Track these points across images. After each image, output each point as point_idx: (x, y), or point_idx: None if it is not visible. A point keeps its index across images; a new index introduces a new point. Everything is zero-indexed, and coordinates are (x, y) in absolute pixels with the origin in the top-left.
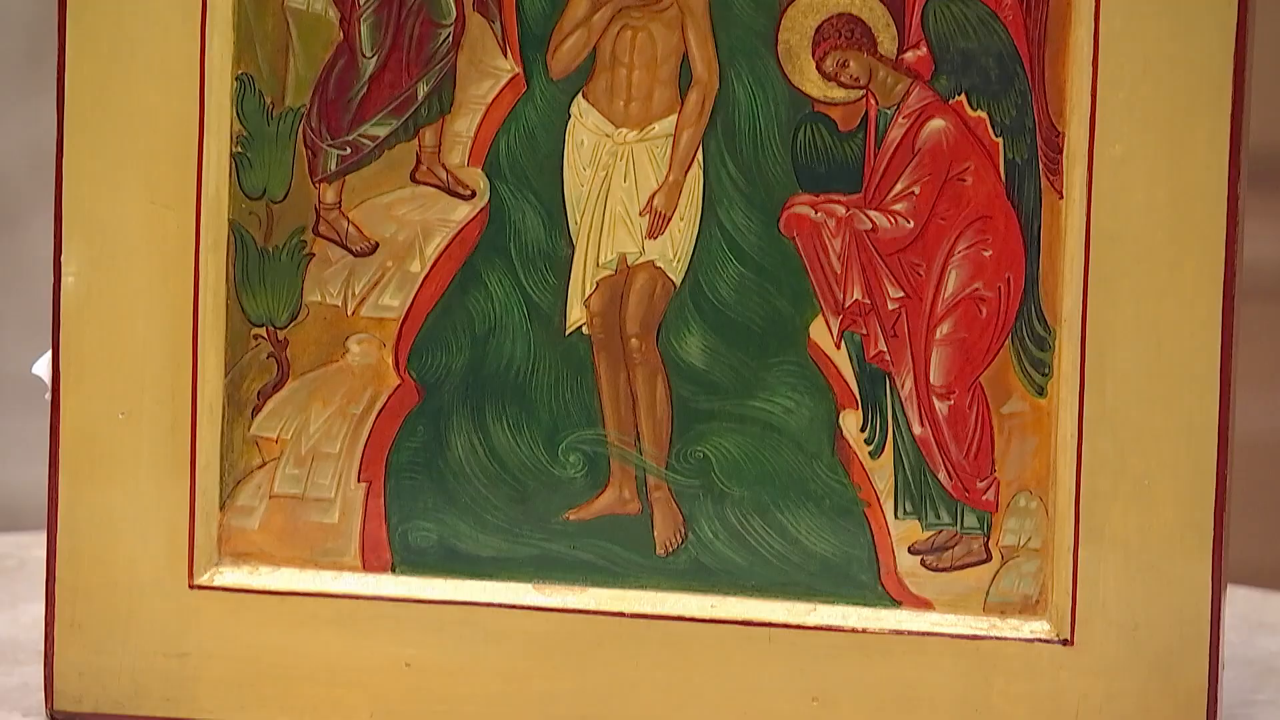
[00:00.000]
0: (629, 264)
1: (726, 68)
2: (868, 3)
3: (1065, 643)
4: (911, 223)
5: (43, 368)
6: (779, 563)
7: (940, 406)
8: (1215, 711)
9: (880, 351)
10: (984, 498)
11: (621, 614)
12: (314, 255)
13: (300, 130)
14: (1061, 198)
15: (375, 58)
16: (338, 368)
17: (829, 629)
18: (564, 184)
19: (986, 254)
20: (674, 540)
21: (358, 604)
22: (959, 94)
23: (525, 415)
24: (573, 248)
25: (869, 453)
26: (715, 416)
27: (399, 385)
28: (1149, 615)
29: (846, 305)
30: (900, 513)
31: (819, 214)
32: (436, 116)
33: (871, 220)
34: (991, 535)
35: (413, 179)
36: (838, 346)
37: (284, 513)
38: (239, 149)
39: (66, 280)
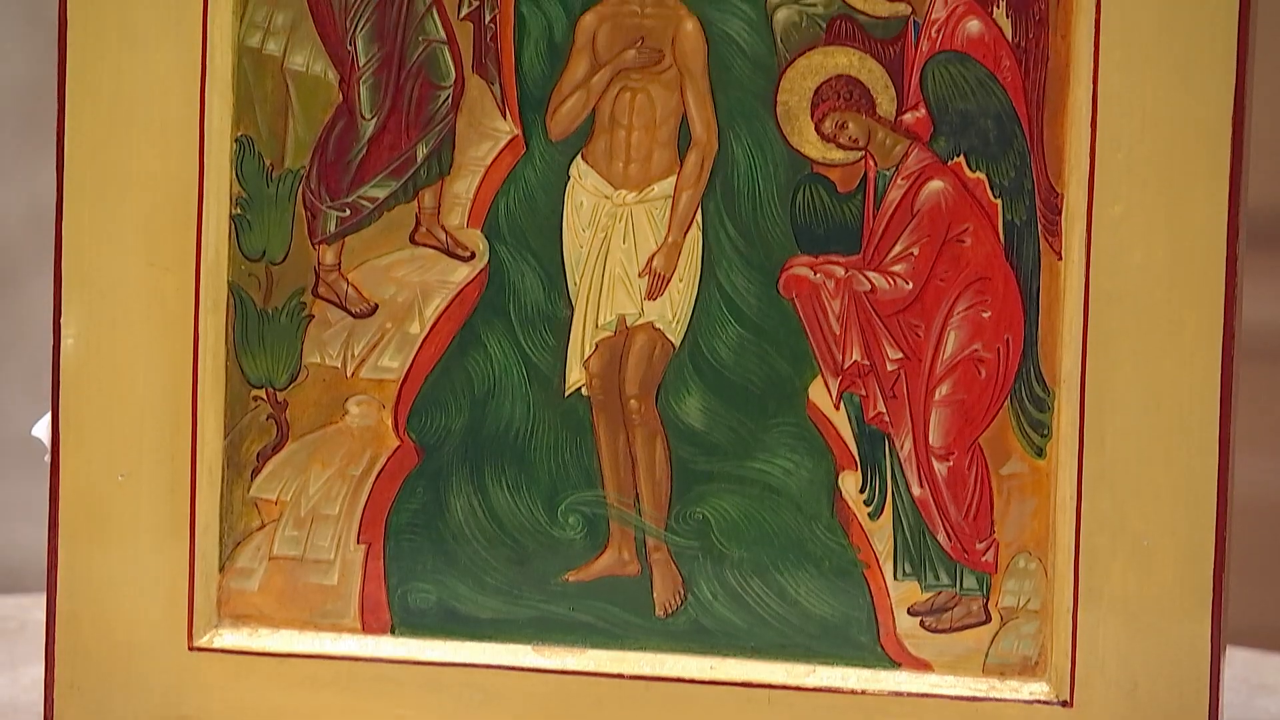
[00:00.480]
0: (628, 325)
1: (725, 129)
2: (866, 64)
3: (1065, 704)
4: (910, 284)
5: (42, 429)
6: (778, 624)
7: (939, 468)
8: None
9: (879, 413)
10: (983, 559)
11: (621, 675)
12: (313, 317)
13: (300, 192)
14: (1060, 258)
15: (375, 119)
16: (337, 429)
17: (828, 690)
18: (563, 245)
19: (985, 315)
20: (673, 602)
21: (357, 666)
22: (958, 155)
23: (524, 477)
24: (572, 309)
25: (868, 514)
26: (714, 478)
27: (398, 447)
28: (1148, 676)
29: (845, 366)
30: (899, 574)
31: (818, 275)
32: (436, 178)
33: (870, 281)
34: (991, 596)
35: (412, 240)
36: (837, 407)
37: (283, 574)
38: (238, 211)
39: (66, 342)
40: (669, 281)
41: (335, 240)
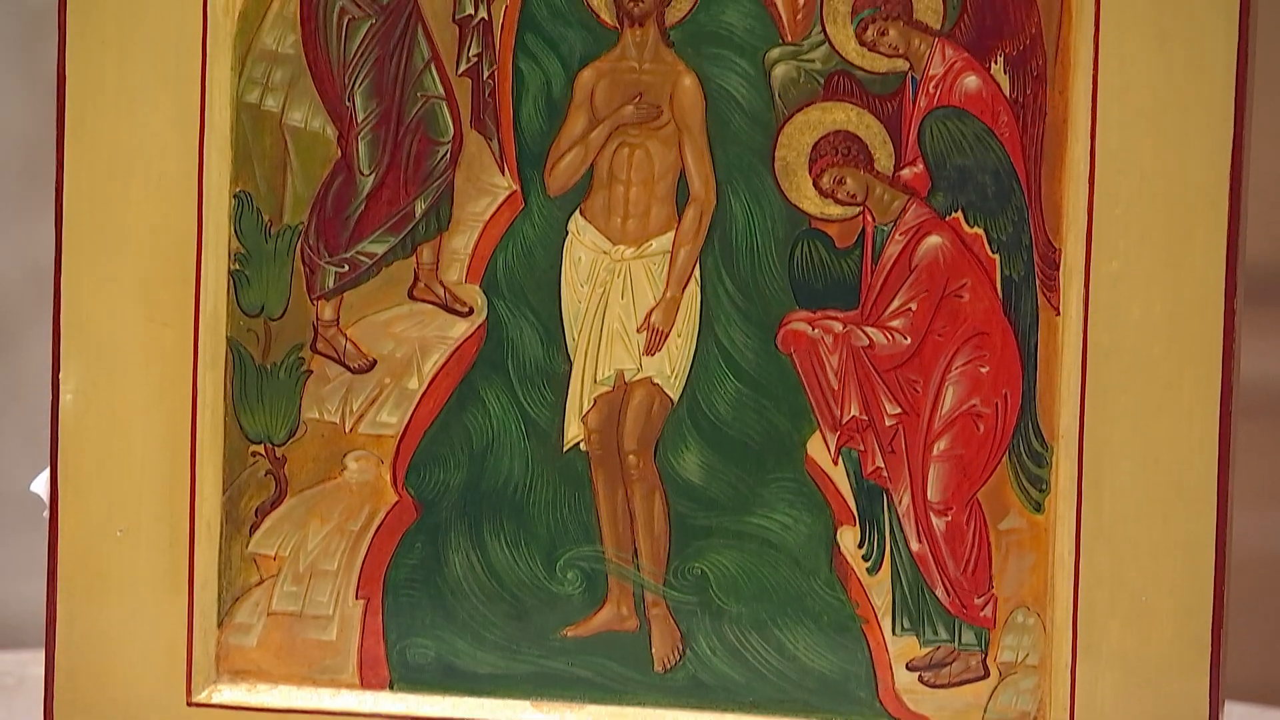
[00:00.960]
0: (626, 380)
1: (724, 184)
2: (864, 120)
3: None
4: (909, 339)
5: (41, 485)
6: (777, 679)
7: (938, 523)
8: None
9: (878, 468)
10: (982, 614)
11: None
12: (312, 372)
13: (298, 247)
14: (1058, 314)
15: (373, 175)
16: (336, 484)
17: None
18: (561, 301)
19: (984, 370)
20: (672, 657)
21: None
22: (956, 210)
23: (523, 532)
24: (570, 364)
25: (867, 569)
26: (713, 533)
27: (397, 502)
28: None
29: (844, 421)
30: (898, 629)
31: (816, 330)
32: (434, 233)
33: (869, 336)
34: (989, 651)
35: (410, 296)
36: (835, 463)
37: (282, 630)
38: (237, 266)
39: (64, 398)
40: (667, 337)
41: (334, 296)
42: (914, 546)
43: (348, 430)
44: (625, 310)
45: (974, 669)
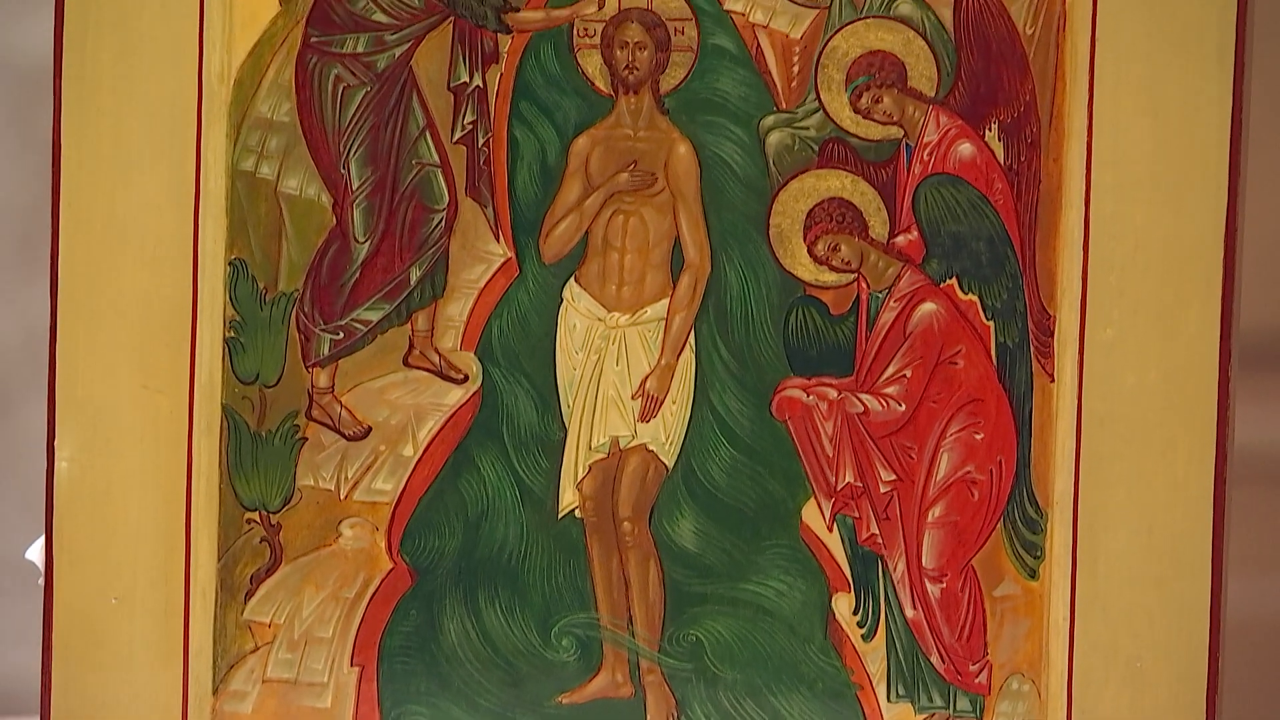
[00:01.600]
0: (621, 447)
1: (718, 252)
2: (859, 187)
3: None
4: (903, 406)
5: (36, 553)
6: None
7: (932, 589)
8: None
9: (872, 534)
10: (976, 680)
11: None
12: (307, 439)
13: (293, 314)
14: (1053, 381)
15: (368, 243)
16: (330, 552)
17: None
18: (556, 368)
19: (978, 437)
20: None
21: None
22: (950, 277)
23: (518, 599)
24: (565, 431)
25: (861, 635)
26: (708, 599)
27: (392, 569)
28: None
29: (839, 488)
30: (893, 695)
31: (811, 397)
32: (429, 301)
33: (863, 403)
34: (985, 718)
35: (405, 363)
36: (830, 529)
37: (277, 697)
38: (232, 333)
39: (59, 465)
40: (662, 403)
41: (329, 363)
42: (909, 613)
43: (342, 497)
44: (620, 377)
45: None
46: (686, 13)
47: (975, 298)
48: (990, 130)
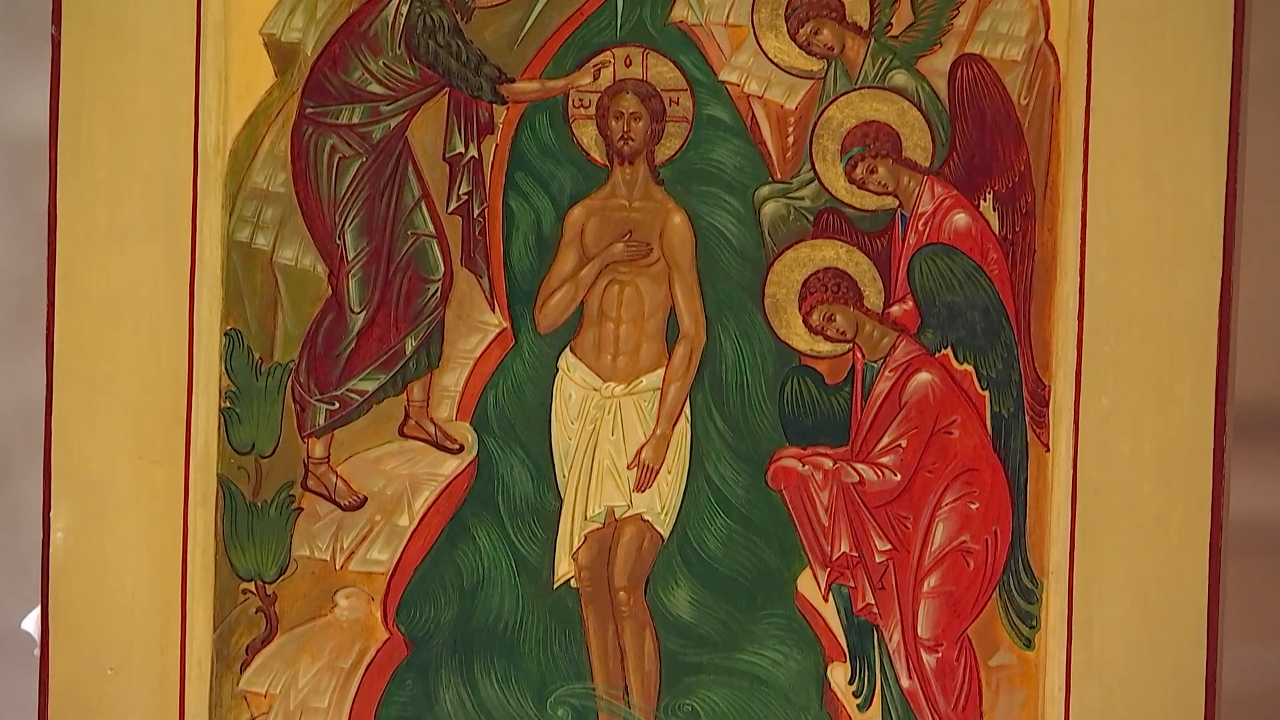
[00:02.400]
0: (617, 517)
1: (713, 321)
2: (854, 257)
3: None
4: (899, 475)
5: (31, 623)
6: None
7: (928, 659)
8: None
9: (868, 604)
10: None
11: None
12: (302, 509)
13: (289, 385)
14: (1048, 450)
15: (364, 312)
16: (326, 622)
17: None
18: (552, 438)
19: (974, 506)
20: None
21: None
22: (945, 347)
23: (514, 669)
24: (561, 501)
25: (857, 705)
26: (704, 669)
27: (387, 639)
28: None
29: (834, 558)
30: None
31: (806, 467)
32: (425, 371)
33: (859, 473)
34: None
35: (401, 433)
36: (825, 599)
37: None
38: (228, 404)
39: (55, 535)
40: (657, 473)
41: (324, 433)
42: (904, 683)
43: (338, 567)
44: (616, 447)
45: None
46: (681, 83)
47: (970, 367)
48: (985, 200)
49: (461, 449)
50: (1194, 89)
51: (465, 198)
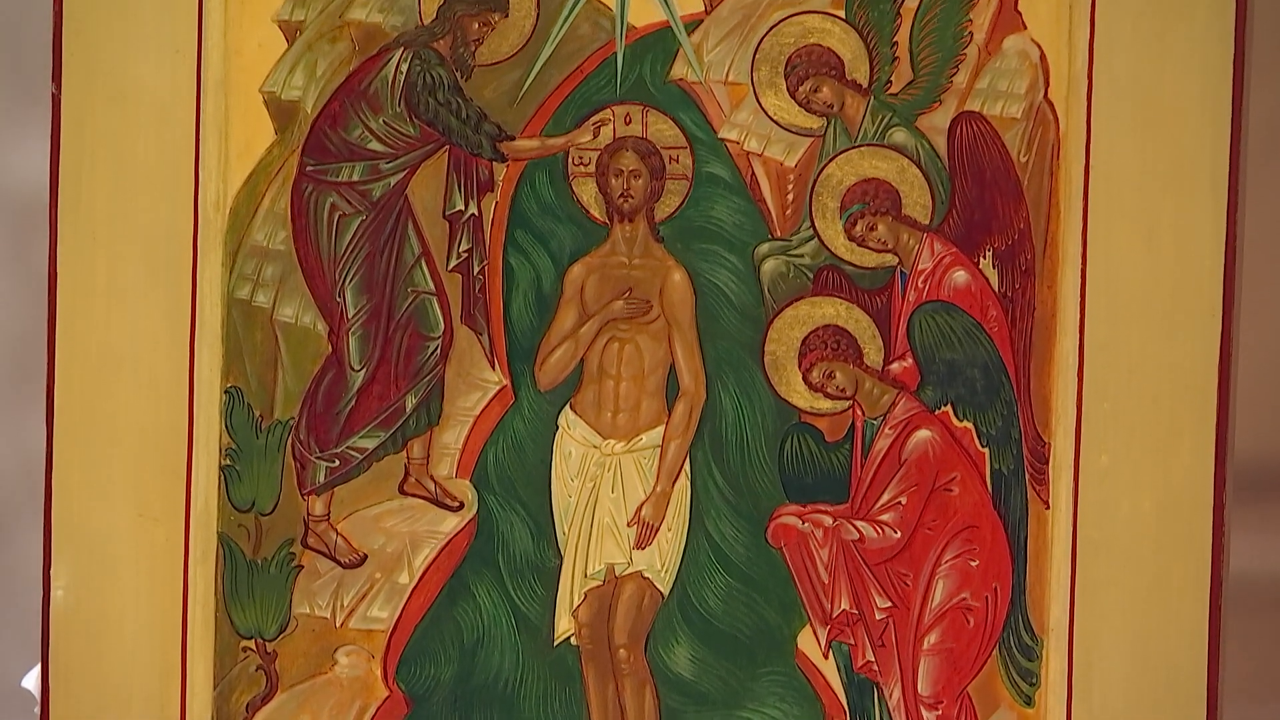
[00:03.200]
0: (617, 574)
1: (713, 379)
2: (853, 314)
3: None
4: (899, 533)
5: (31, 681)
6: None
7: (928, 716)
8: None
9: (868, 661)
10: None
11: None
12: (302, 567)
13: (289, 442)
14: (1048, 507)
15: (364, 370)
16: (326, 680)
17: None
18: (552, 495)
19: (973, 564)
20: None
21: None
22: (945, 404)
23: None
24: (561, 558)
25: None
26: None
27: (388, 697)
28: None
29: (834, 615)
30: None
31: (806, 524)
32: (425, 428)
33: (859, 530)
34: None
35: (401, 491)
36: (825, 656)
37: None
38: (228, 461)
39: (55, 593)
40: (657, 531)
41: (324, 490)
42: None
43: (338, 625)
44: (616, 504)
45: None
46: (681, 141)
47: (970, 424)
48: (985, 257)
49: (461, 506)
50: (1193, 146)
51: (465, 255)
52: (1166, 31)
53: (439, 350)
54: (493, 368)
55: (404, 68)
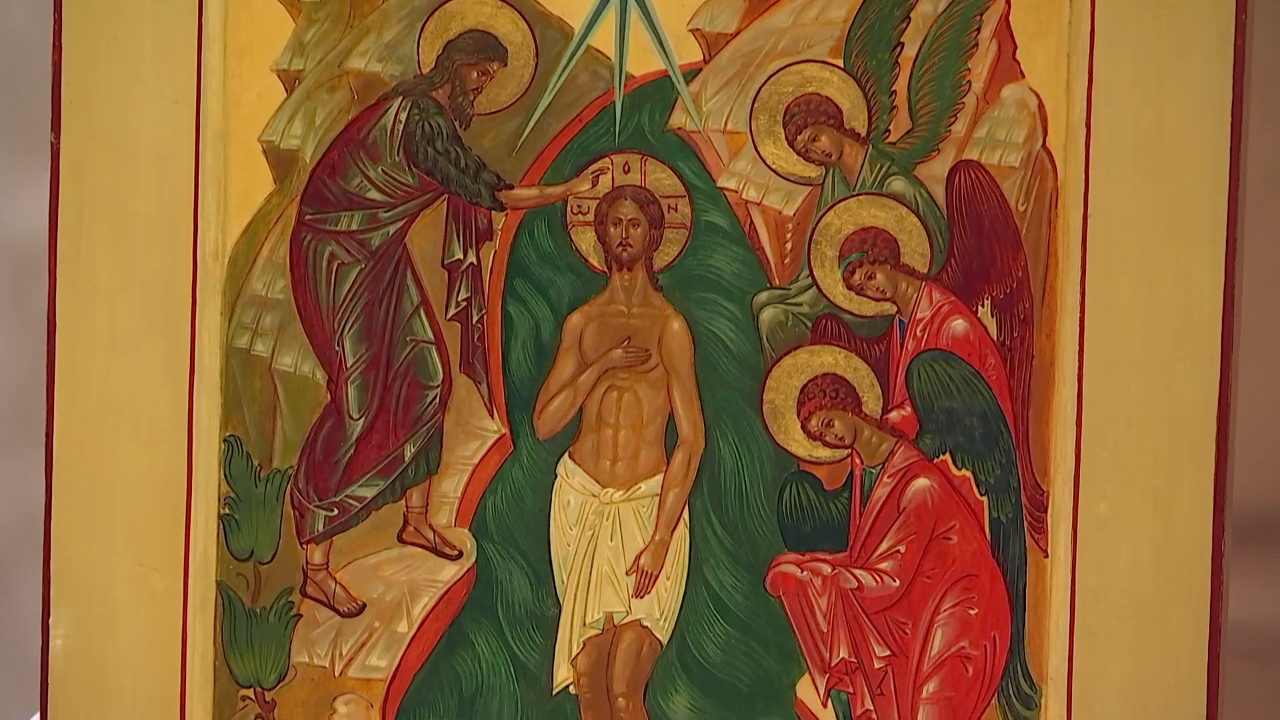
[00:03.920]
0: (616, 623)
1: (712, 427)
2: (852, 363)
3: None
4: (897, 581)
5: None
6: None
7: None
8: None
9: (867, 710)
10: None
11: None
12: (301, 616)
13: (288, 491)
14: (1046, 556)
15: (363, 419)
16: None
17: None
18: (551, 543)
19: (972, 612)
20: None
21: None
22: (943, 453)
23: None
24: (559, 607)
25: None
26: None
27: None
28: None
29: (833, 664)
30: None
31: (805, 573)
32: (424, 477)
33: (857, 579)
34: None
35: (400, 539)
36: (825, 705)
37: None
38: (226, 510)
39: (54, 643)
40: (656, 579)
41: (323, 539)
42: None
43: (337, 674)
44: (614, 553)
45: None
46: (680, 190)
47: (969, 473)
48: (983, 306)
49: (460, 555)
50: (1191, 194)
51: (464, 304)
52: (1165, 80)
53: (438, 399)
54: (491, 416)
55: (403, 116)
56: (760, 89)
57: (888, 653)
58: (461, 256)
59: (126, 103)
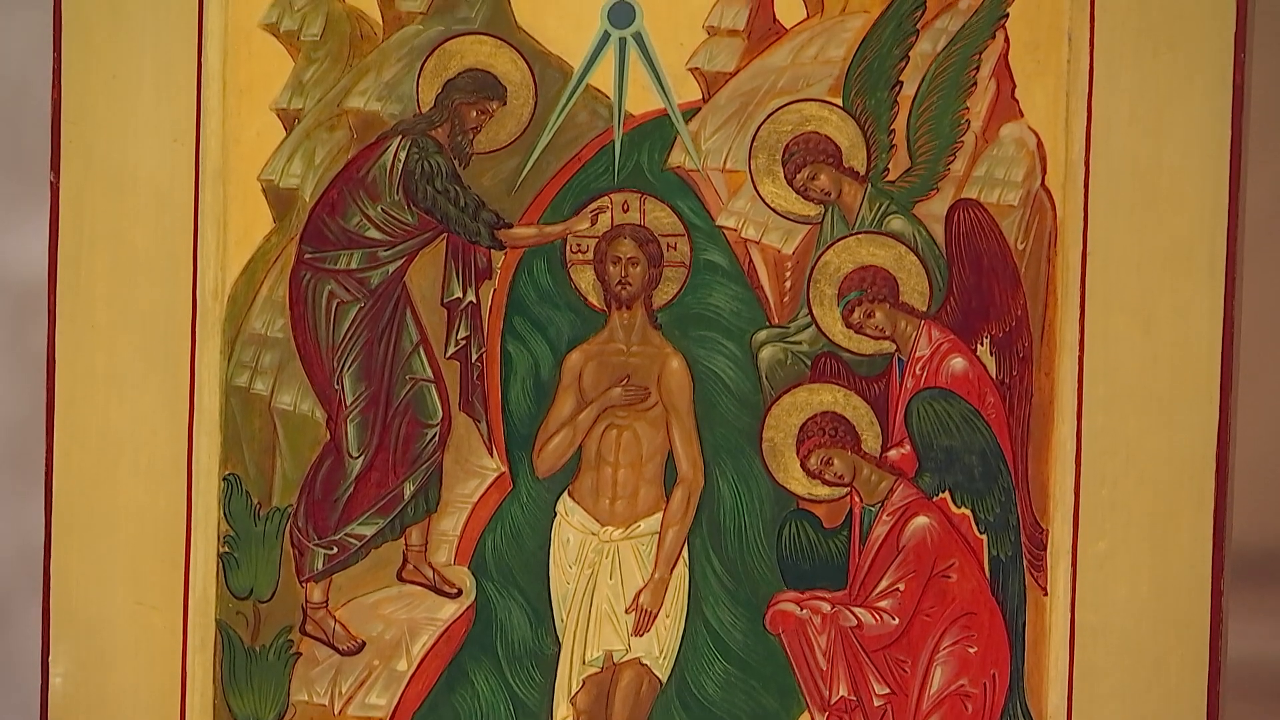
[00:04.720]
0: (615, 661)
1: (711, 465)
2: (851, 401)
3: None
4: (897, 619)
5: None
6: None
7: None
8: None
9: None
10: None
11: None
12: (301, 654)
13: (287, 530)
14: (1046, 594)
15: (362, 457)
16: None
17: None
18: (550, 582)
19: (971, 650)
20: None
21: None
22: (943, 491)
23: None
24: (559, 645)
25: None
26: None
27: None
28: None
29: (833, 702)
30: None
31: (804, 611)
32: (423, 515)
33: (857, 617)
34: None
35: (399, 578)
36: None
37: None
38: (226, 549)
39: (54, 681)
40: (656, 617)
41: (323, 578)
42: None
43: (336, 712)
44: (614, 591)
45: None
46: (679, 229)
47: (968, 511)
48: (982, 344)
49: (460, 593)
50: (1190, 232)
51: (463, 342)
52: (1163, 118)
53: (437, 437)
54: (491, 455)
55: (402, 155)
56: (759, 128)
57: (887, 691)
58: (461, 295)
59: (126, 141)
